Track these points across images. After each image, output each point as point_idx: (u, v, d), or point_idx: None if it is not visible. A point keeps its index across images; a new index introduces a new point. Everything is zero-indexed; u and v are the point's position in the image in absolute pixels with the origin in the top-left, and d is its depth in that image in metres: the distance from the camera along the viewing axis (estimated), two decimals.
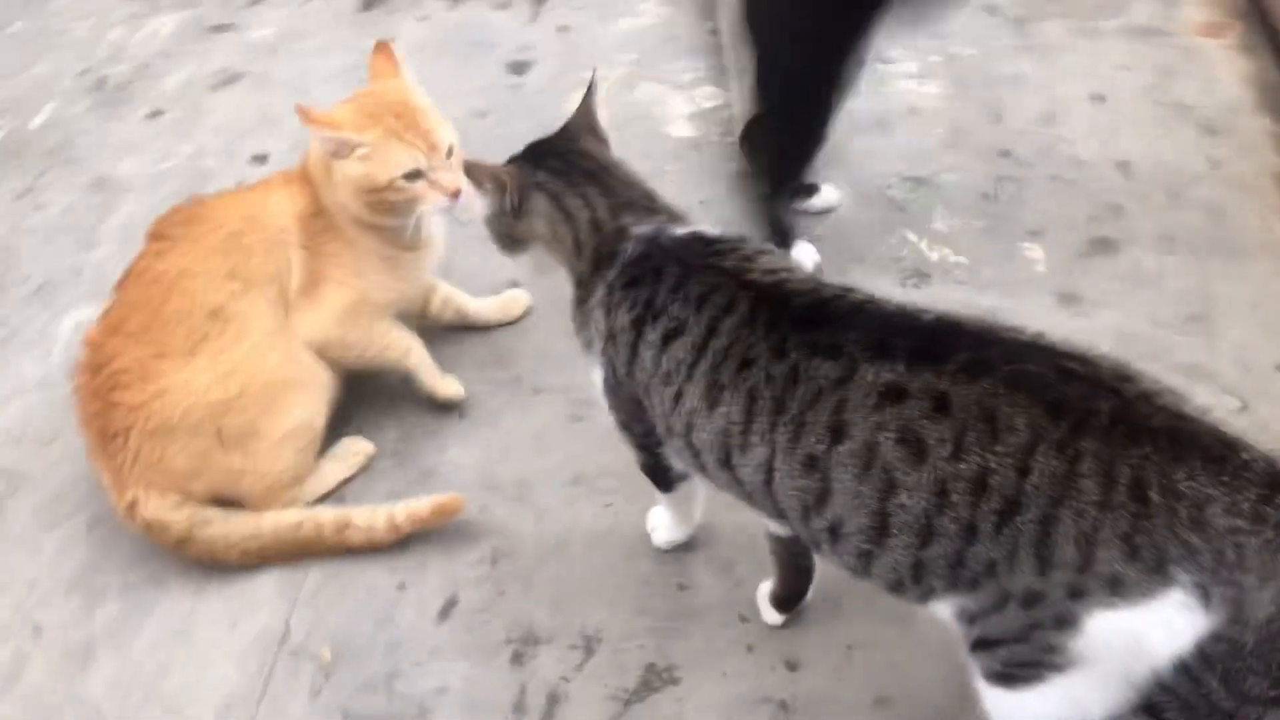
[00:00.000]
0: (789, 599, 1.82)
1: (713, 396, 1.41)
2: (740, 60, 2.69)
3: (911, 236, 2.45)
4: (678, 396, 1.46)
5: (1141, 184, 2.49)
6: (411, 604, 1.95)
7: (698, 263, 1.48)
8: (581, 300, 1.61)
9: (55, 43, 3.47)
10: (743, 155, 2.61)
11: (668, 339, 1.46)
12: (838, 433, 1.29)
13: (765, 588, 1.86)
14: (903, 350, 1.27)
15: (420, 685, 1.83)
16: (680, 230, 1.56)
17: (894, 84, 2.87)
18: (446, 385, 2.25)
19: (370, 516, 2.00)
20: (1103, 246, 2.37)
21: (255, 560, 2.01)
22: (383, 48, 2.16)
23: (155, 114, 3.17)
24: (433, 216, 2.08)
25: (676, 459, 1.61)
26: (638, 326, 1.49)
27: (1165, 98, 2.70)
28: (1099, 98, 2.73)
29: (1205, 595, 1.11)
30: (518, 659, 1.85)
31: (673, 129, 2.83)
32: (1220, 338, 2.17)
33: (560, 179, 1.63)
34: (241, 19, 3.48)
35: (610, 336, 1.55)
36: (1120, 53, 2.84)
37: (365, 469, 2.17)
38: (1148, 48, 2.84)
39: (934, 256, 2.40)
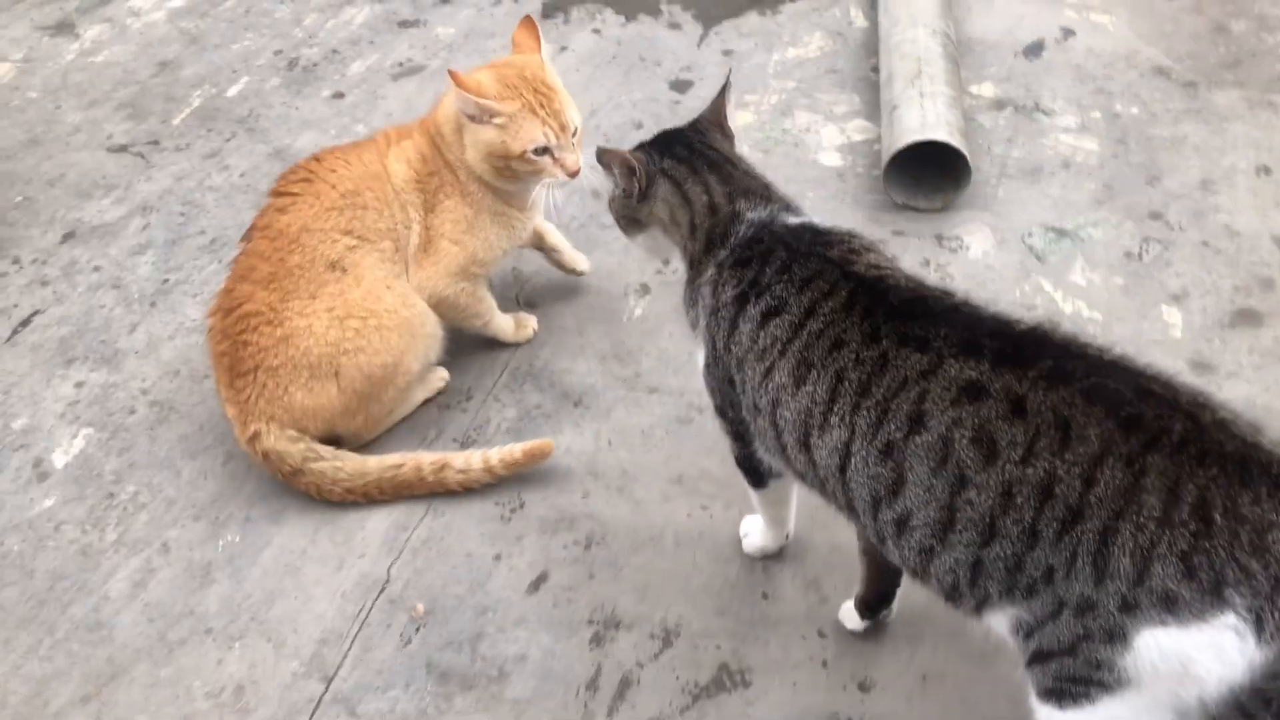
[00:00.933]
0: (874, 603, 1.84)
1: (800, 374, 1.46)
2: (892, 98, 2.72)
3: (1047, 286, 2.43)
4: (768, 372, 1.51)
5: None
6: (505, 574, 2.03)
7: (805, 249, 1.54)
8: (692, 280, 1.69)
9: (258, 23, 3.73)
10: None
11: (767, 316, 1.52)
12: (917, 423, 1.33)
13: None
14: (990, 351, 1.32)
15: (502, 650, 1.91)
16: (793, 219, 1.62)
17: (1052, 136, 2.85)
18: (521, 330, 2.46)
19: (467, 459, 2.12)
20: (1246, 318, 2.31)
21: (358, 497, 2.14)
22: (528, 22, 2.29)
23: (337, 95, 3.38)
24: (547, 189, 2.19)
25: (762, 447, 1.65)
26: (740, 302, 1.56)
27: None
28: (1265, 170, 2.65)
29: (1259, 622, 1.11)
30: (597, 639, 1.91)
31: (821, 157, 2.88)
32: None
33: (684, 166, 1.71)
34: (430, 16, 3.67)
35: (714, 311, 1.61)
36: None
37: (442, 392, 2.36)
38: None
39: (1068, 309, 2.37)
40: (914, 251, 2.54)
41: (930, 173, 2.64)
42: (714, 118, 1.79)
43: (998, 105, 2.95)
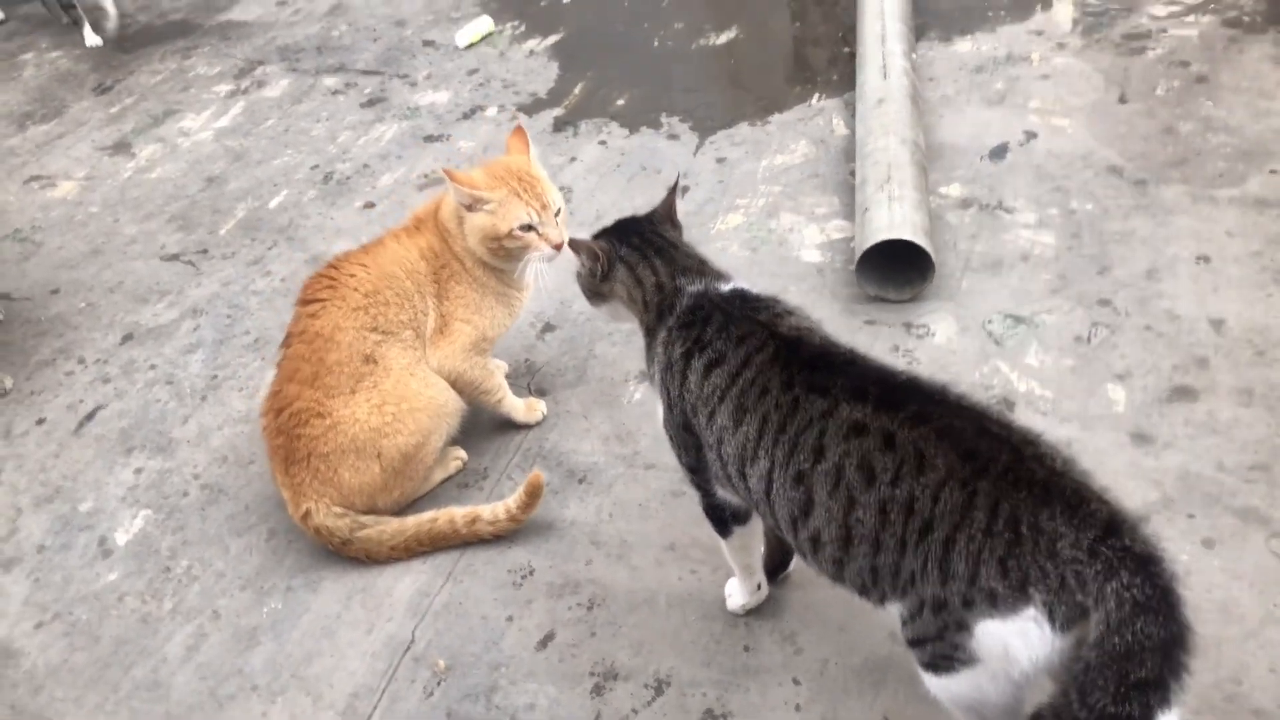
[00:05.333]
0: (775, 570, 2.25)
1: (738, 416, 1.78)
2: (864, 200, 3.02)
3: (1004, 368, 2.69)
4: (712, 414, 1.83)
5: (1231, 341, 2.66)
6: (516, 633, 2.28)
7: (738, 313, 1.87)
8: (649, 344, 2.02)
9: (296, 140, 4.11)
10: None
11: (710, 367, 1.84)
12: (819, 454, 1.65)
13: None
14: (873, 397, 1.64)
15: (514, 700, 2.15)
16: (725, 287, 1.95)
17: (1013, 231, 3.13)
18: (530, 412, 2.76)
19: (493, 510, 2.43)
20: (1182, 394, 2.55)
21: (402, 554, 2.44)
22: (519, 130, 2.66)
23: (368, 206, 3.72)
24: (538, 263, 2.51)
25: (717, 483, 1.95)
26: (687, 358, 1.88)
27: (1271, 264, 2.86)
28: (1204, 259, 2.92)
29: (1052, 613, 1.41)
30: (598, 690, 2.15)
31: (803, 254, 3.17)
32: None
33: (636, 252, 2.05)
34: (453, 130, 4.04)
35: (668, 366, 1.93)
36: (1232, 220, 3.02)
37: (460, 472, 2.65)
38: (1261, 218, 3.01)
39: (1021, 388, 2.63)
40: (885, 339, 2.82)
41: (900, 267, 2.93)
42: (665, 212, 2.13)
43: (964, 204, 3.25)
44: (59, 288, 3.52)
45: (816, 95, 3.92)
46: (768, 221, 3.33)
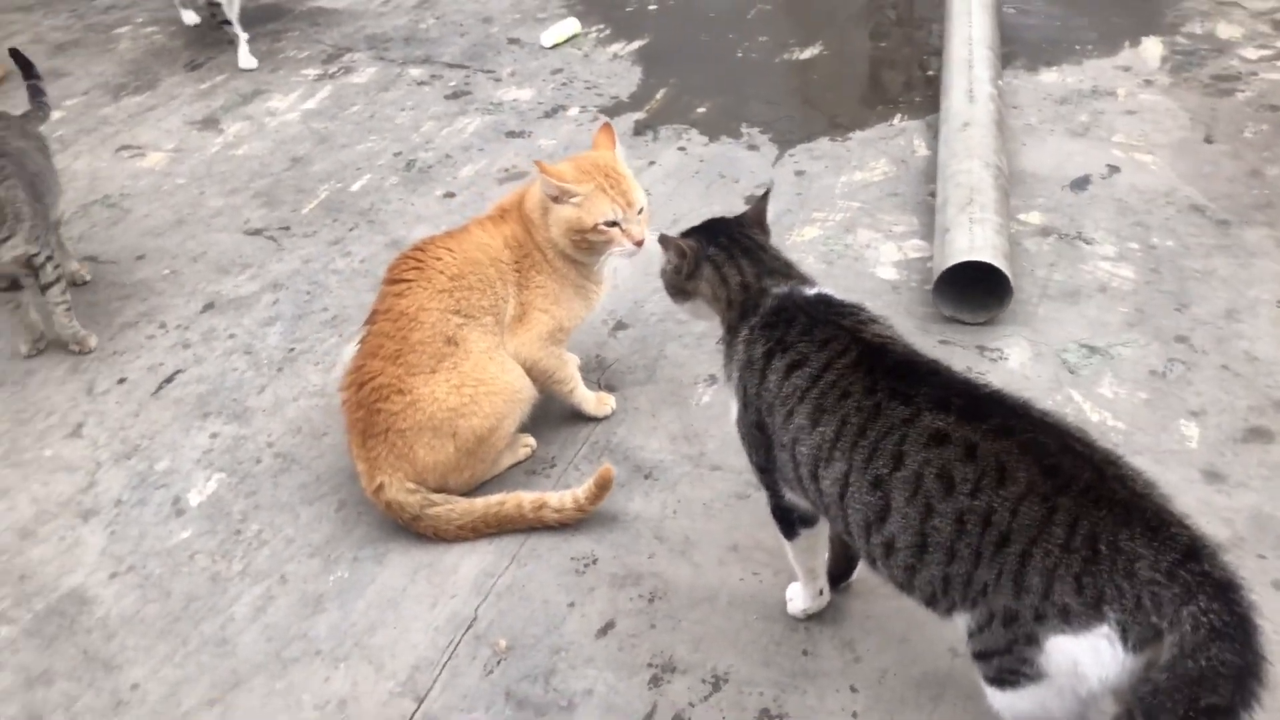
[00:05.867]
0: (838, 576, 2.25)
1: (816, 417, 1.80)
2: (945, 222, 3.03)
3: (1077, 396, 2.69)
4: (790, 414, 1.85)
5: None
6: (577, 619, 2.31)
7: (822, 317, 1.89)
8: (729, 343, 2.04)
9: (381, 127, 4.19)
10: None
11: (791, 368, 1.86)
12: (898, 460, 1.66)
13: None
14: (956, 407, 1.66)
15: (572, 685, 2.18)
16: (810, 291, 1.97)
17: (1091, 262, 3.12)
18: (601, 405, 2.79)
19: (560, 499, 2.46)
20: (1258, 435, 2.54)
21: (468, 533, 2.47)
22: (606, 127, 2.71)
23: (448, 195, 3.79)
24: (617, 259, 2.57)
25: (785, 484, 1.96)
26: (768, 357, 1.91)
27: None
28: None
29: (1125, 632, 1.42)
30: (655, 681, 2.18)
31: (879, 270, 3.19)
32: None
33: (724, 252, 2.08)
34: (535, 128, 4.10)
35: (747, 364, 1.95)
36: None
37: (529, 459, 2.69)
38: None
39: (1094, 418, 2.62)
40: (957, 360, 2.81)
41: (976, 290, 2.93)
42: (755, 215, 2.17)
43: (1043, 232, 3.25)
44: (144, 254, 3.61)
45: (898, 115, 3.94)
46: (844, 236, 3.34)
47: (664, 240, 2.12)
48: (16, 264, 3.03)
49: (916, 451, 1.65)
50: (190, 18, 5.22)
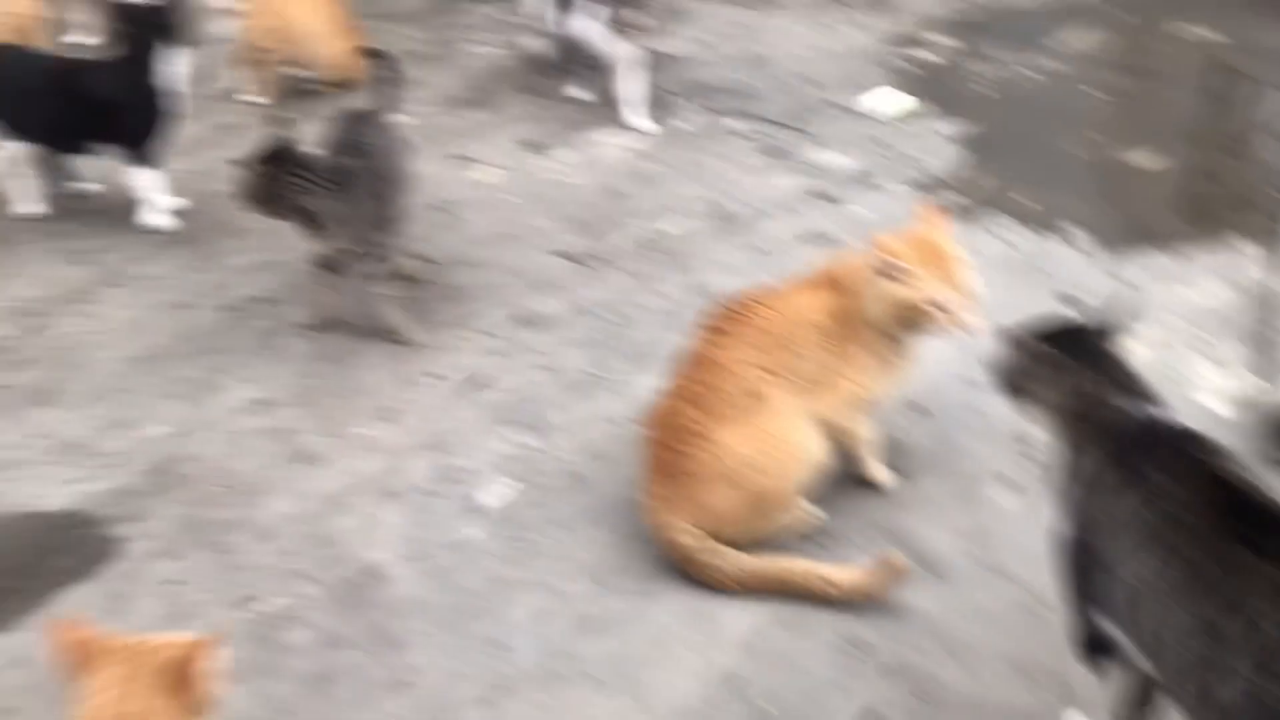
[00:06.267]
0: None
1: (1162, 555, 1.69)
2: None
3: None
4: (1134, 548, 1.75)
5: None
6: (840, 699, 2.30)
7: (1183, 448, 1.79)
8: (1070, 457, 1.95)
9: (700, 175, 4.30)
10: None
11: (1145, 502, 1.75)
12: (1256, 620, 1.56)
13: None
14: None
15: None
16: (1166, 417, 1.87)
17: None
18: (880, 472, 2.78)
19: (841, 575, 2.45)
20: None
21: (743, 588, 2.49)
22: (940, 209, 2.72)
23: (752, 247, 3.85)
24: (933, 341, 2.58)
25: (1109, 613, 1.85)
26: (1122, 485, 1.81)
27: None
28: None
29: None
30: None
31: (1204, 399, 3.00)
32: None
33: (1070, 359, 1.99)
34: (848, 195, 4.10)
35: (1090, 485, 1.87)
36: None
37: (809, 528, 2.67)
38: None
39: None
40: None
41: None
42: (1111, 329, 2.06)
43: None
44: (467, 260, 3.86)
45: (1240, 237, 3.71)
46: (1166, 354, 3.17)
47: (1008, 334, 2.08)
48: (335, 254, 3.29)
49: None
50: (537, 45, 5.53)
